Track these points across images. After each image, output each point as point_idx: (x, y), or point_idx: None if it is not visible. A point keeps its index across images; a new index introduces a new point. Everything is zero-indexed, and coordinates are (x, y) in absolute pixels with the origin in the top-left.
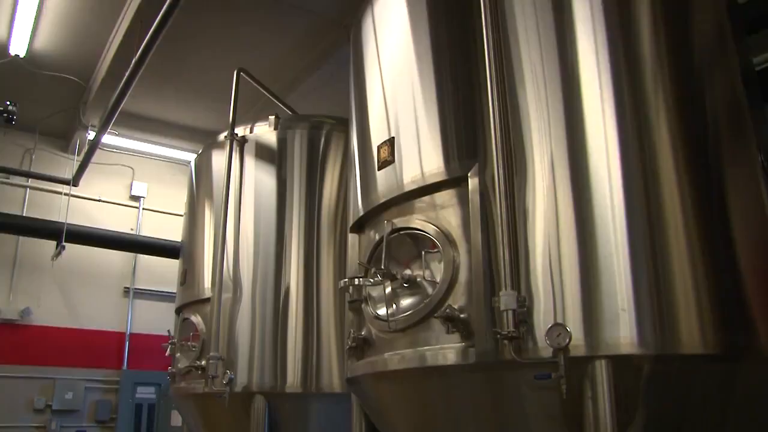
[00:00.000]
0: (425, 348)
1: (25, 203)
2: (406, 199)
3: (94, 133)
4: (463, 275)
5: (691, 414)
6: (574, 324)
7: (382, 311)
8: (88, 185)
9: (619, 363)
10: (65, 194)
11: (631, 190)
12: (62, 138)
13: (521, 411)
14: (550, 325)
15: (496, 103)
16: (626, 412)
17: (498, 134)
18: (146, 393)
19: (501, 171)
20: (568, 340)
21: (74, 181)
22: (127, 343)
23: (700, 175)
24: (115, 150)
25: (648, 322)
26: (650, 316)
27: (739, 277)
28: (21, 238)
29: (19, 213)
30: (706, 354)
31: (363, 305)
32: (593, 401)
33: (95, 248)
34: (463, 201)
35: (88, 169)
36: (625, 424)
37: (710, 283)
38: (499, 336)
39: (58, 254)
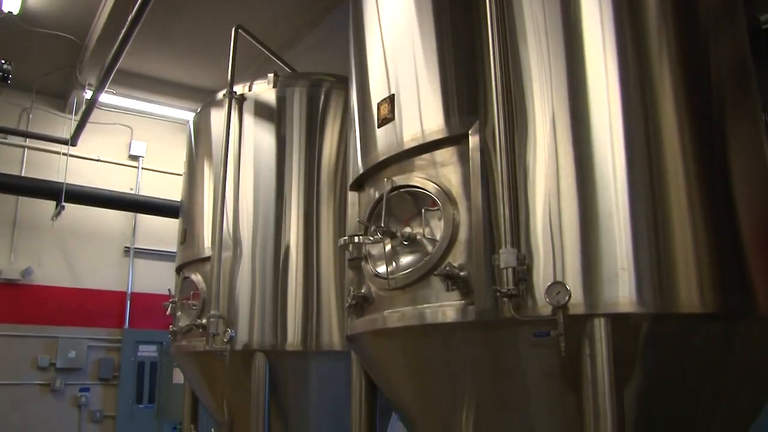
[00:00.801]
0: (425, 306)
1: (24, 163)
2: (406, 156)
3: (92, 92)
4: (463, 233)
5: (687, 373)
6: (574, 282)
7: (381, 269)
8: (87, 145)
9: (618, 321)
10: (63, 154)
11: (633, 149)
12: (59, 97)
13: (520, 368)
14: (549, 284)
15: (497, 58)
16: (624, 370)
17: (499, 90)
18: (148, 351)
19: (502, 128)
20: (567, 298)
21: (72, 141)
22: (129, 302)
23: (703, 134)
24: (113, 109)
25: (647, 281)
26: (649, 275)
27: (739, 238)
28: (20, 198)
29: (17, 173)
30: (704, 313)
31: (363, 263)
32: (591, 359)
33: (95, 208)
34: (464, 158)
35: (86, 129)
36: (622, 382)
37: (710, 243)
38: (498, 294)
39: (57, 214)
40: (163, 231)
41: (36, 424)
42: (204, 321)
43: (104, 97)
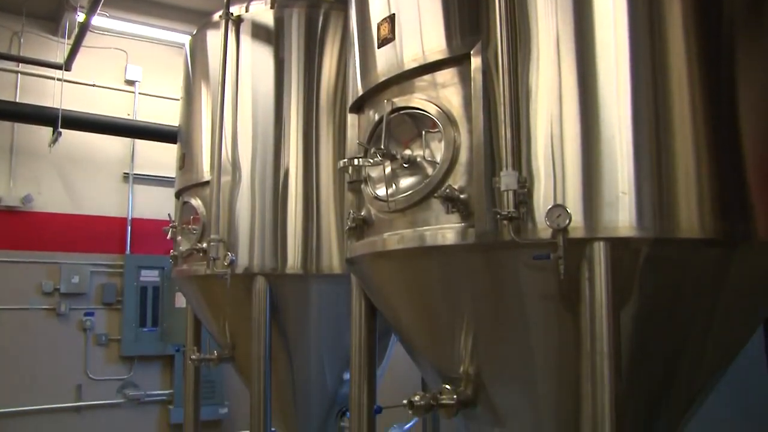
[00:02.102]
0: (424, 228)
1: (18, 89)
2: (407, 78)
3: (84, 15)
4: (463, 155)
5: (684, 296)
6: (574, 206)
7: (381, 191)
8: (81, 70)
9: (617, 245)
10: (58, 80)
11: (638, 73)
12: (51, 20)
13: (518, 291)
14: (550, 206)
15: None
16: (622, 294)
17: (502, 10)
18: (150, 276)
19: (504, 49)
20: (567, 221)
21: (66, 66)
22: (129, 228)
23: (711, 58)
24: (107, 33)
25: (648, 205)
26: (650, 200)
27: (742, 164)
28: (17, 125)
29: (11, 99)
30: (704, 239)
31: (362, 186)
32: (590, 282)
33: (92, 134)
34: (465, 80)
35: (80, 54)
36: (619, 305)
37: (712, 169)
38: (498, 216)
39: (54, 141)
40: (161, 156)
41: (44, 348)
42: (204, 245)
43: (97, 20)
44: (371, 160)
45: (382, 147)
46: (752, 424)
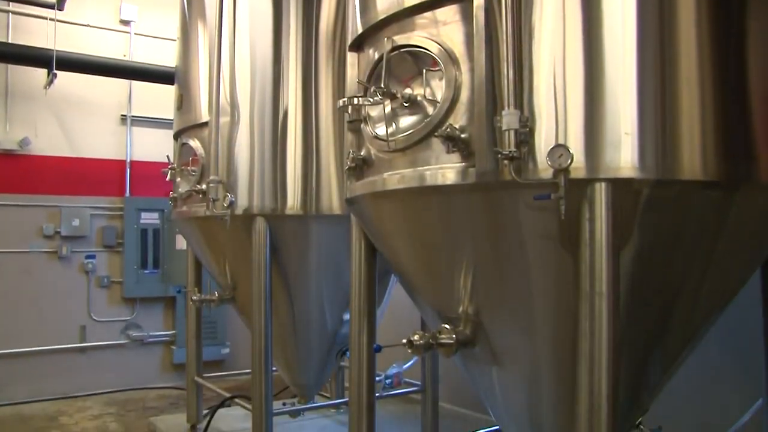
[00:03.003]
0: (424, 168)
1: (9, 30)
2: (407, 15)
3: None
4: (464, 94)
5: (683, 240)
6: (576, 146)
7: (381, 131)
8: (75, 10)
9: (619, 186)
10: (51, 20)
11: (644, 12)
12: None
13: (518, 232)
14: (551, 146)
15: None
16: (622, 235)
17: None
18: (150, 219)
19: None
20: (569, 161)
21: (59, 5)
22: (128, 170)
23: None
24: None
25: (651, 146)
26: (653, 140)
27: (746, 106)
28: (10, 67)
29: (3, 40)
30: (706, 180)
31: (362, 125)
32: (590, 223)
33: (88, 76)
34: (467, 17)
35: None
36: (619, 246)
37: (716, 110)
38: (499, 156)
39: (50, 83)
40: (159, 98)
41: (47, 290)
42: (203, 186)
43: None
44: (371, 99)
45: (382, 86)
46: (744, 367)
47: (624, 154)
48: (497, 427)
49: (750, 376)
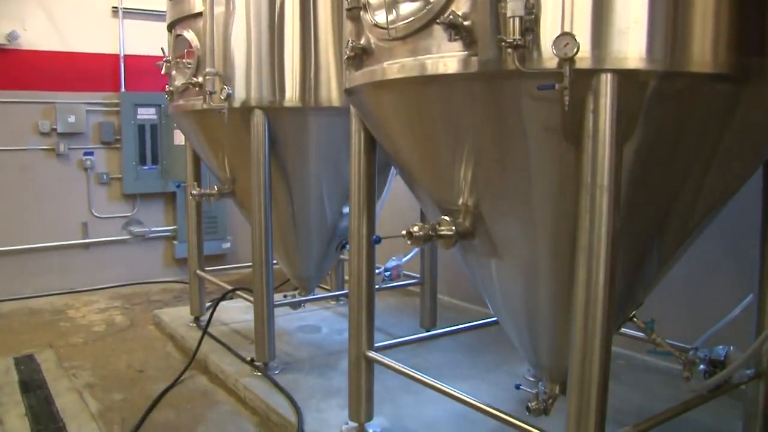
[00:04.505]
0: (426, 56)
1: None
2: None
3: None
4: None
5: (688, 134)
6: (583, 35)
7: (381, 18)
8: None
9: (625, 77)
10: None
11: None
12: None
13: (521, 122)
14: (557, 35)
15: None
16: (626, 128)
17: None
18: (147, 114)
19: None
20: (575, 50)
21: None
22: (122, 64)
23: None
24: None
25: (660, 36)
26: (663, 30)
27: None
28: None
29: None
30: (715, 73)
31: (361, 12)
32: (594, 115)
33: None
34: None
35: None
36: (623, 139)
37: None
38: (503, 44)
39: None
40: None
41: (47, 188)
42: (200, 79)
43: None
44: None
45: None
46: (737, 263)
47: (632, 45)
48: (495, 319)
49: (742, 272)
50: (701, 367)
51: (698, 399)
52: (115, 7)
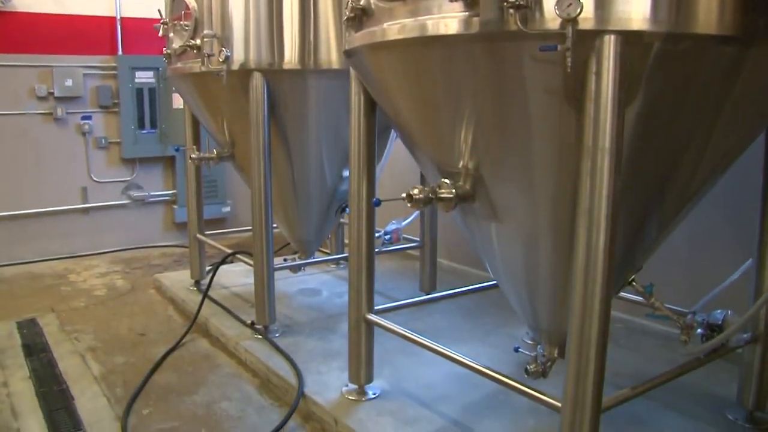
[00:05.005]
0: (426, 17)
1: None
2: None
3: None
4: None
5: (691, 97)
6: None
7: None
8: None
9: (629, 39)
10: None
11: None
12: None
13: (522, 84)
14: None
15: None
16: (629, 91)
17: None
18: (145, 77)
19: None
20: (578, 10)
21: None
22: (119, 27)
23: None
24: None
25: None
26: None
27: None
28: None
29: None
30: (721, 35)
31: None
32: (597, 77)
33: None
34: None
35: None
36: (625, 102)
37: None
38: (505, 4)
39: None
40: None
41: (46, 152)
42: (198, 41)
43: None
44: None
45: None
46: (741, 234)
47: (636, 5)
48: (494, 282)
49: (741, 238)
50: (699, 330)
51: (695, 362)
52: None
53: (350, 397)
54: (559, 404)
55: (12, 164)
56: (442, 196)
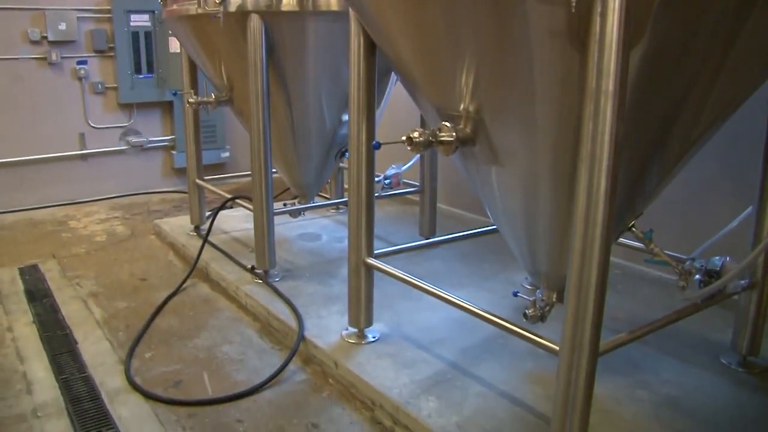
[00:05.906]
0: None
1: None
2: None
3: None
4: None
5: (697, 41)
6: None
7: None
8: None
9: None
10: None
11: None
12: None
13: (525, 25)
14: None
15: None
16: (634, 33)
17: None
18: (140, 21)
19: None
20: None
21: None
22: None
23: None
24: None
25: None
26: None
27: None
28: None
29: None
30: None
31: None
32: (602, 18)
33: None
34: None
35: None
36: (630, 45)
37: None
38: None
39: None
40: None
41: (41, 98)
42: None
43: None
44: None
45: None
46: (741, 182)
47: None
48: (493, 227)
49: (742, 186)
50: (697, 277)
51: (692, 308)
52: None
53: (350, 341)
54: (557, 347)
55: (8, 110)
56: (443, 139)
